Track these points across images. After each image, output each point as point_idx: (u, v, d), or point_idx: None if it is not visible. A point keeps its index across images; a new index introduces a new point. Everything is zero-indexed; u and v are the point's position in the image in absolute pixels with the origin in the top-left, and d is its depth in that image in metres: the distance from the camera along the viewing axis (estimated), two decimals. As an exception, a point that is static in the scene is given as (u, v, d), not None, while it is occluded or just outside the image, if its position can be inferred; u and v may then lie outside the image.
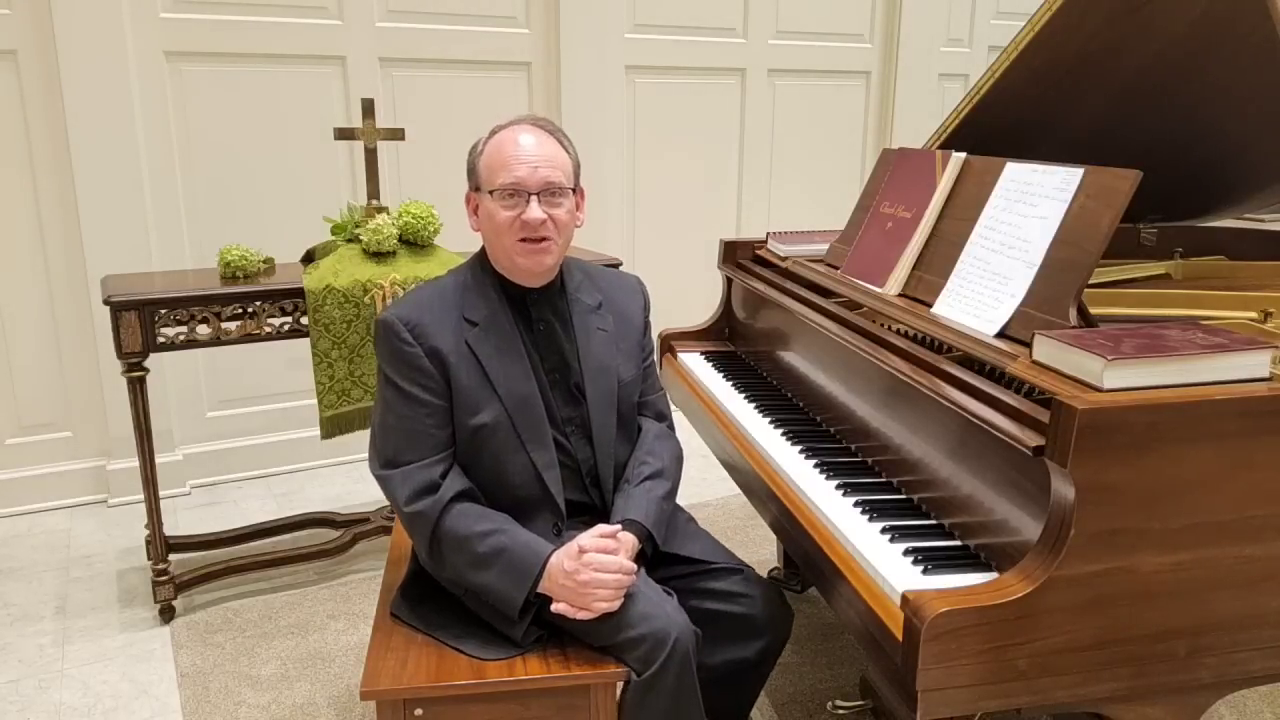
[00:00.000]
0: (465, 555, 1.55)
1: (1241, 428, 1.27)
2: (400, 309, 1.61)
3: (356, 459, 3.64)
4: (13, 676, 2.35)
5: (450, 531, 1.55)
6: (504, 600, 1.55)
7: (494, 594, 1.56)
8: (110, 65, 3.03)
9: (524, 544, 1.55)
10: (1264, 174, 2.16)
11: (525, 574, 1.53)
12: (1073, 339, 1.35)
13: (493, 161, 1.61)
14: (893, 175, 2.07)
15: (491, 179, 1.60)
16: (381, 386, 1.62)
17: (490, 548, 1.54)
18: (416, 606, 1.68)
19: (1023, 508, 1.34)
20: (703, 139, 4.18)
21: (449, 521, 1.55)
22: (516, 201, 1.58)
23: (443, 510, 1.56)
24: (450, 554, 1.56)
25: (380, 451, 1.62)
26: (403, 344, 1.57)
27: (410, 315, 1.58)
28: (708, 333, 2.64)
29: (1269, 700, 2.23)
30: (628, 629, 1.52)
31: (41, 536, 3.08)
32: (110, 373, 3.09)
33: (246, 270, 2.54)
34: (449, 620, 1.64)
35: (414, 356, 1.57)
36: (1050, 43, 1.99)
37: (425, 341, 1.57)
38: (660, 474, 1.73)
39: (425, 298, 1.64)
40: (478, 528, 1.55)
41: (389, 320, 1.58)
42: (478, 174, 1.63)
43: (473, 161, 1.65)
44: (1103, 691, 1.32)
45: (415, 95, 3.54)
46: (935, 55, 4.63)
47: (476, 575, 1.55)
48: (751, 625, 1.69)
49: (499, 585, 1.54)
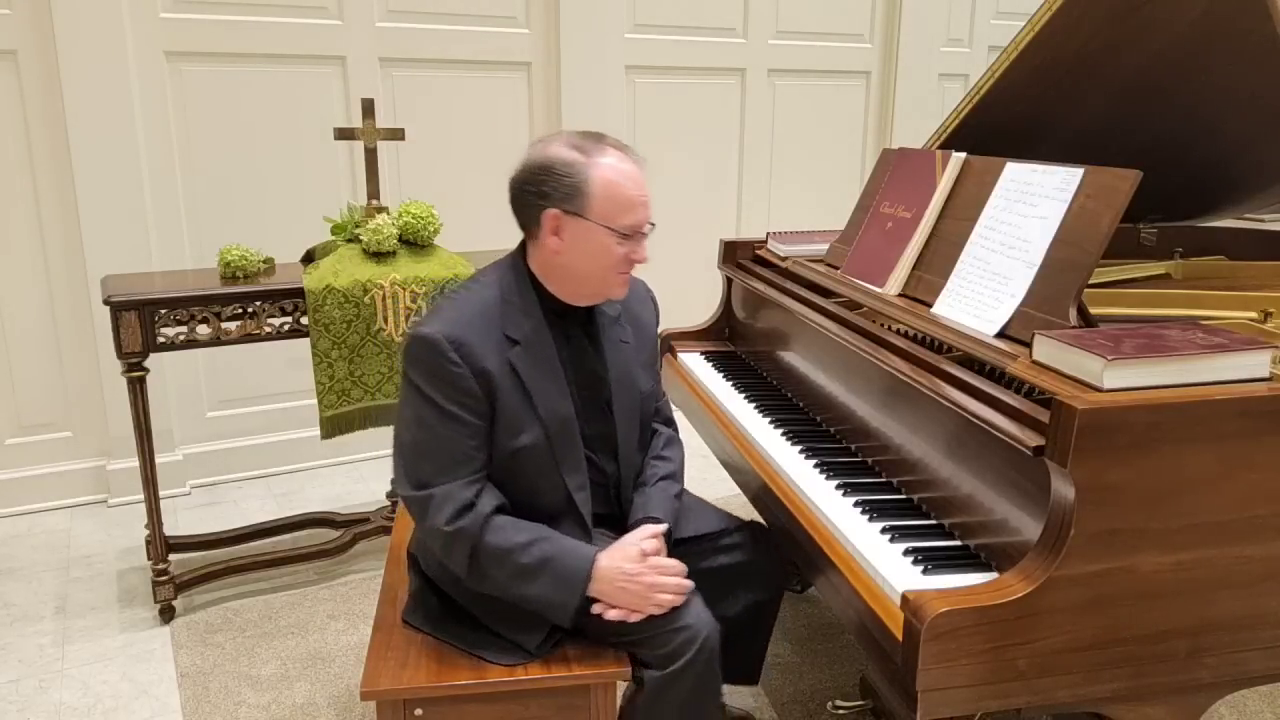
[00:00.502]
0: (508, 568, 1.52)
1: (1241, 428, 1.27)
2: (444, 325, 1.51)
3: (356, 459, 3.64)
4: (13, 676, 2.34)
5: (491, 546, 1.52)
6: (555, 608, 1.54)
7: (543, 603, 1.54)
8: (110, 65, 3.03)
9: (569, 551, 1.55)
10: (1264, 174, 2.16)
11: (575, 580, 1.53)
12: (1073, 339, 1.35)
13: (616, 196, 1.53)
14: (893, 175, 2.07)
15: (613, 216, 1.54)
16: (416, 404, 1.54)
17: (534, 558, 1.52)
18: (430, 613, 1.67)
19: (1023, 508, 1.34)
20: (703, 139, 4.18)
21: (489, 536, 1.52)
22: (632, 239, 1.57)
23: (482, 526, 1.52)
24: (492, 568, 1.53)
25: (412, 472, 1.55)
26: (449, 364, 1.50)
27: (456, 334, 1.51)
28: (708, 333, 2.64)
29: (1269, 700, 2.23)
30: (660, 625, 1.54)
31: (41, 536, 3.08)
32: (110, 373, 3.09)
33: (246, 270, 2.54)
34: (465, 627, 1.63)
35: (460, 378, 1.50)
36: (1050, 42, 1.99)
37: (473, 362, 1.51)
38: (673, 476, 1.78)
39: (467, 314, 1.55)
40: (518, 539, 1.53)
41: (433, 338, 1.50)
42: (587, 199, 1.53)
43: (574, 186, 1.53)
44: (1103, 691, 1.32)
45: (415, 95, 3.54)
46: (935, 55, 4.63)
47: (523, 587, 1.53)
48: (761, 569, 1.82)
49: (548, 594, 1.52)
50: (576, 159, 1.54)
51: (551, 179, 1.54)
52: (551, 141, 1.58)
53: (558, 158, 1.54)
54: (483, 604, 1.61)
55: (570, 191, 1.53)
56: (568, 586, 1.52)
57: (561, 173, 1.53)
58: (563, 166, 1.53)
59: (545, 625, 1.58)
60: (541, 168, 1.55)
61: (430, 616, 1.66)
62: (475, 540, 1.51)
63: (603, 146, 1.56)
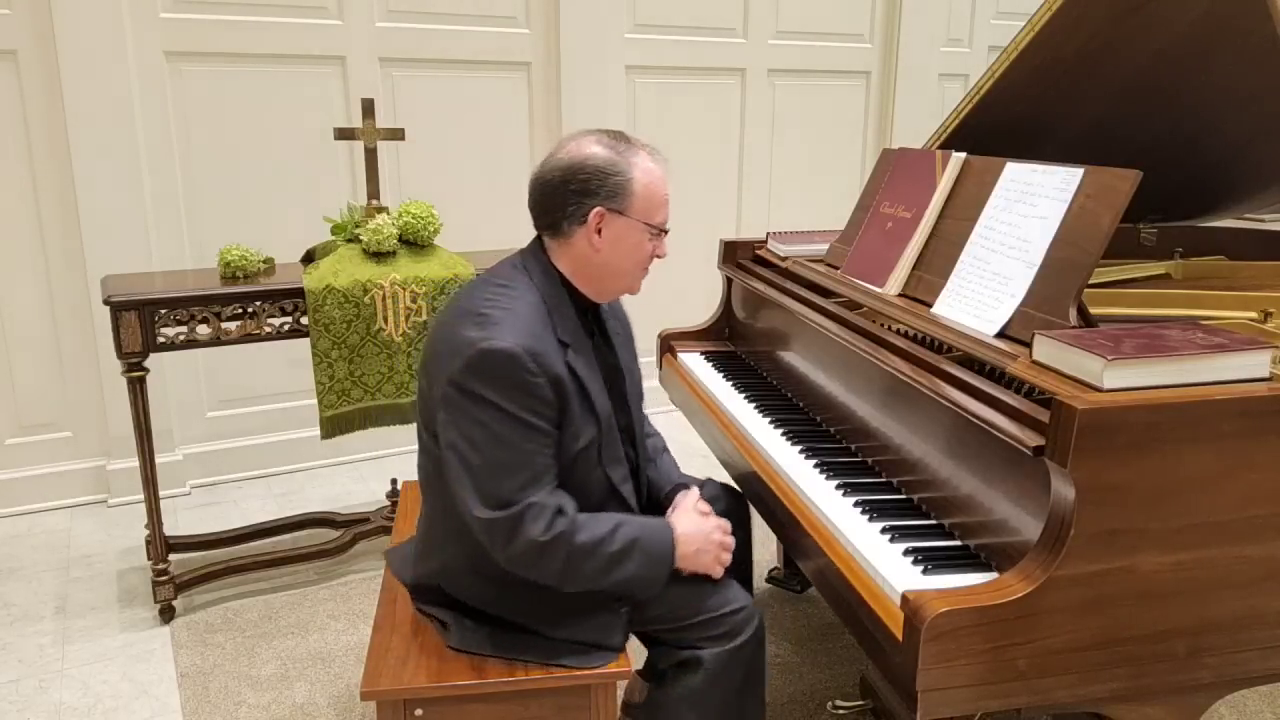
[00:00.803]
0: (599, 560, 1.53)
1: (1241, 428, 1.27)
2: (516, 336, 1.49)
3: (356, 459, 3.64)
4: (13, 676, 2.35)
5: (581, 544, 1.52)
6: (647, 584, 1.58)
7: (636, 583, 1.58)
8: (110, 65, 3.03)
9: (649, 527, 1.61)
10: (1264, 174, 2.16)
11: (663, 553, 1.59)
12: (1073, 339, 1.35)
13: (654, 194, 1.60)
14: (893, 175, 2.07)
15: (652, 213, 1.61)
16: (490, 420, 1.48)
17: (621, 544, 1.55)
18: (488, 636, 1.63)
19: (1023, 508, 1.34)
20: (703, 139, 4.18)
21: (580, 536, 1.52)
22: (656, 235, 1.64)
23: (573, 528, 1.52)
24: (586, 565, 1.53)
25: (491, 493, 1.49)
26: (530, 376, 1.48)
27: (530, 345, 1.49)
28: (708, 333, 2.64)
29: (1269, 700, 2.23)
30: (721, 605, 1.63)
31: (41, 536, 3.08)
32: (110, 373, 3.09)
33: (246, 270, 2.54)
34: (535, 641, 1.62)
35: (538, 388, 1.49)
36: (1050, 43, 1.99)
37: (548, 370, 1.50)
38: (665, 448, 1.93)
39: (526, 322, 1.53)
40: (602, 530, 1.54)
41: (513, 351, 1.47)
42: (629, 198, 1.57)
43: (618, 185, 1.56)
44: (1103, 691, 1.32)
45: (415, 95, 3.54)
46: (935, 55, 4.63)
47: (616, 573, 1.55)
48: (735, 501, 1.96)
49: (641, 573, 1.57)
50: (618, 159, 1.57)
51: (596, 177, 1.56)
52: (585, 141, 1.59)
53: (600, 157, 1.57)
54: (549, 614, 1.61)
55: (615, 190, 1.57)
56: (658, 560, 1.58)
57: (609, 171, 1.56)
58: (608, 165, 1.56)
59: (620, 620, 1.62)
60: (584, 167, 1.56)
61: (492, 640, 1.62)
62: (570, 544, 1.50)
63: (635, 146, 1.61)
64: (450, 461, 1.52)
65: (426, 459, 1.66)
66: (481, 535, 1.51)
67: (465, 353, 1.48)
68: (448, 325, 1.57)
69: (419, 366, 1.69)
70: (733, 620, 1.62)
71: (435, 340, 1.60)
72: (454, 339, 1.52)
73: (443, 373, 1.52)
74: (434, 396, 1.55)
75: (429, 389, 1.58)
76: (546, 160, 1.61)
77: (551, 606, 1.60)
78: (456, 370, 1.49)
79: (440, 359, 1.54)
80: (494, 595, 1.63)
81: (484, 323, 1.51)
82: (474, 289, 1.63)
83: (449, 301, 1.69)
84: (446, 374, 1.50)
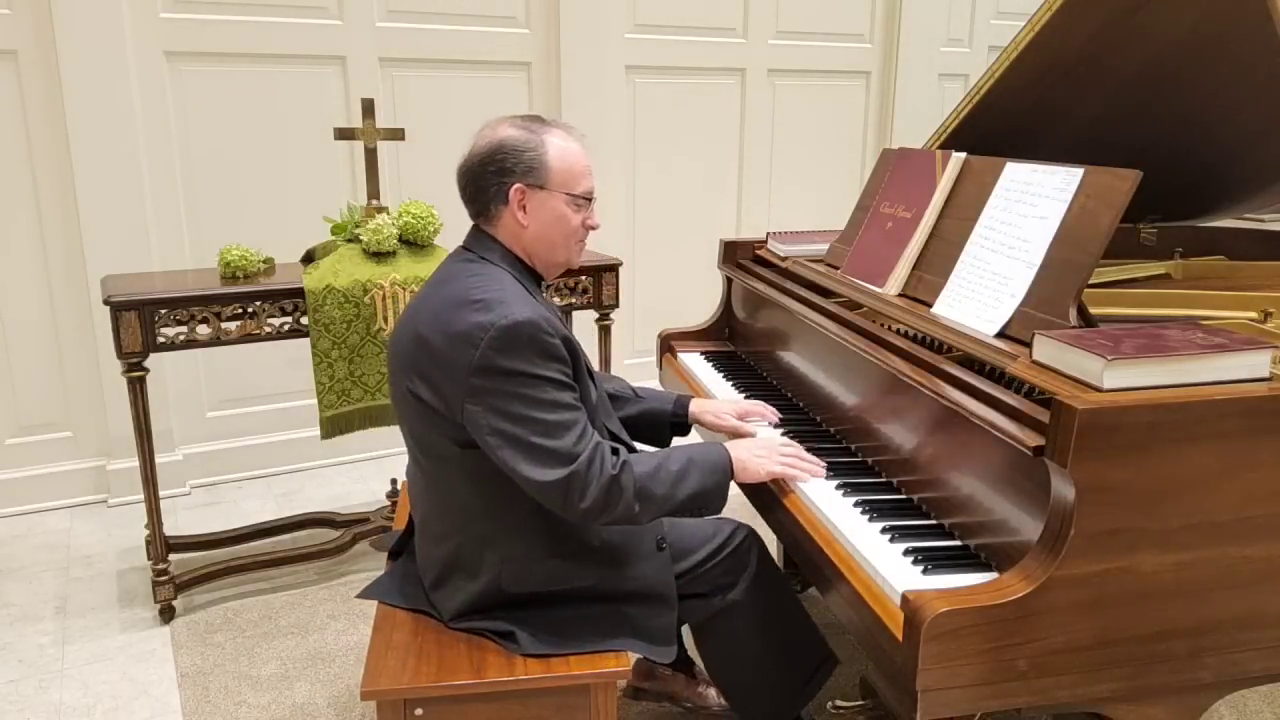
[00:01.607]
0: (665, 480, 1.60)
1: (1241, 428, 1.27)
2: (522, 310, 1.53)
3: (356, 459, 3.64)
4: (13, 676, 2.35)
5: (644, 471, 1.59)
6: (714, 494, 1.65)
7: (705, 495, 1.64)
8: (110, 65, 3.03)
9: (697, 447, 1.70)
10: (1264, 174, 2.16)
11: (719, 463, 1.67)
12: (1073, 339, 1.35)
13: (572, 166, 1.67)
14: (893, 175, 2.07)
15: (572, 184, 1.67)
16: (524, 391, 1.51)
17: (679, 462, 1.62)
18: (558, 632, 1.64)
19: (1023, 508, 1.34)
20: (703, 139, 4.18)
21: (639, 466, 1.59)
22: (583, 207, 1.70)
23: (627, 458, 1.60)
24: (655, 487, 1.59)
25: (553, 452, 1.52)
26: (549, 338, 1.54)
27: (540, 312, 1.56)
28: (708, 333, 2.64)
29: (1269, 700, 2.23)
30: (719, 536, 1.78)
31: (41, 536, 3.08)
32: (110, 373, 3.09)
33: (246, 270, 2.54)
34: (596, 623, 1.66)
35: (556, 348, 1.56)
36: (1050, 43, 1.99)
37: (559, 332, 1.58)
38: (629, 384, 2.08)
39: (520, 295, 1.59)
40: (655, 457, 1.62)
41: (534, 320, 1.52)
42: (546, 172, 1.65)
43: (534, 160, 1.64)
44: (1103, 691, 1.32)
45: (415, 95, 3.54)
46: (935, 55, 4.63)
47: (683, 488, 1.61)
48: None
49: (706, 484, 1.64)
50: (530, 137, 1.66)
51: (511, 156, 1.64)
52: (500, 126, 1.68)
53: (513, 137, 1.65)
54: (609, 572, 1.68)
55: (530, 165, 1.65)
56: (718, 469, 1.66)
57: (522, 149, 1.65)
58: (521, 143, 1.65)
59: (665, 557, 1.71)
60: (499, 148, 1.65)
61: (563, 634, 1.63)
62: (634, 472, 1.57)
63: (547, 125, 1.69)
64: (496, 445, 1.53)
65: (441, 467, 1.64)
66: (554, 497, 1.53)
67: (482, 336, 1.51)
68: (438, 323, 1.55)
69: (396, 377, 1.64)
70: (739, 554, 1.77)
71: (427, 343, 1.56)
72: (459, 331, 1.52)
73: (457, 369, 1.52)
74: (450, 398, 1.54)
75: (438, 392, 1.55)
76: (468, 150, 1.69)
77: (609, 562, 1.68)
78: (478, 356, 1.50)
79: (445, 358, 1.53)
80: (565, 570, 1.67)
81: (487, 305, 1.54)
82: (445, 286, 1.63)
83: (415, 308, 1.65)
84: (465, 366, 1.51)
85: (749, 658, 1.83)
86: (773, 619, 1.82)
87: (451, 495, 1.64)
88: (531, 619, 1.64)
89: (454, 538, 1.66)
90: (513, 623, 1.63)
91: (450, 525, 1.66)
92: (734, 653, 1.84)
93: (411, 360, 1.59)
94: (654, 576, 1.70)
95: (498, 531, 1.63)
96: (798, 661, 1.85)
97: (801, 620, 1.86)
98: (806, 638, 1.87)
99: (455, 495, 1.64)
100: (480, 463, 1.57)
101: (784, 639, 1.84)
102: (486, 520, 1.63)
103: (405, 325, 1.64)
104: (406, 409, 1.63)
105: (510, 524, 1.63)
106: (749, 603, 1.78)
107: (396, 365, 1.64)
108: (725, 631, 1.81)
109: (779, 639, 1.83)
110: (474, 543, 1.64)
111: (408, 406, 1.62)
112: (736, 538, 1.80)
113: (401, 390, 1.62)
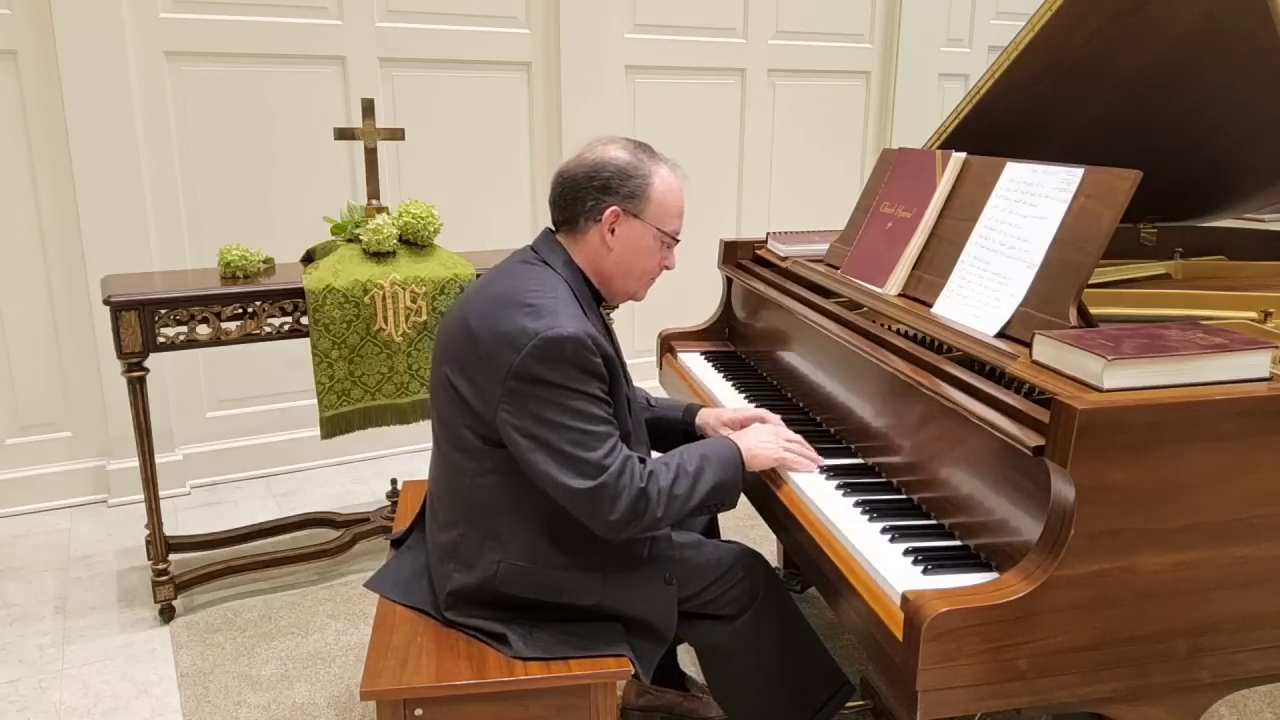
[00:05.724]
0: (685, 481, 1.61)
1: (1241, 428, 1.27)
2: (572, 323, 1.54)
3: (356, 459, 3.64)
4: (13, 676, 2.35)
5: (664, 475, 1.60)
6: (729, 489, 1.67)
7: (722, 489, 1.66)
8: (110, 65, 3.03)
9: (706, 444, 1.72)
10: (1264, 174, 2.16)
11: (731, 456, 1.68)
12: (1073, 339, 1.35)
13: (670, 203, 1.69)
14: (893, 175, 2.07)
15: (666, 220, 1.69)
16: (561, 400, 1.52)
17: (694, 462, 1.64)
18: (553, 636, 1.64)
19: (1023, 508, 1.34)
20: (703, 139, 4.18)
21: (660, 473, 1.60)
22: (668, 245, 1.73)
23: (653, 468, 1.61)
24: (676, 489, 1.60)
25: (585, 462, 1.52)
26: (591, 355, 1.55)
27: (587, 328, 1.55)
28: (707, 333, 2.64)
29: (1269, 700, 2.23)
30: (724, 580, 1.73)
31: (41, 536, 3.08)
32: (110, 373, 3.09)
33: (246, 270, 2.54)
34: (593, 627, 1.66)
35: (597, 365, 1.56)
36: (1050, 43, 1.99)
37: (603, 351, 1.57)
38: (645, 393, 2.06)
39: (574, 309, 1.59)
40: (670, 460, 1.64)
41: (579, 336, 1.52)
42: (646, 203, 1.66)
43: (637, 187, 1.65)
44: (1103, 692, 1.32)
45: (415, 95, 3.54)
46: (935, 55, 4.63)
47: (700, 485, 1.63)
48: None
49: (722, 478, 1.65)
50: (641, 164, 1.67)
51: (618, 177, 1.65)
52: (610, 145, 1.68)
53: (623, 159, 1.66)
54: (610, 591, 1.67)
55: (634, 192, 1.65)
56: (729, 463, 1.67)
57: (630, 173, 1.65)
58: (630, 168, 1.66)
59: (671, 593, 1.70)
60: (607, 167, 1.65)
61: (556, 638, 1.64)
62: (658, 481, 1.59)
63: (658, 157, 1.71)
64: (528, 448, 1.54)
65: (463, 457, 1.64)
66: (583, 505, 1.54)
67: (526, 342, 1.51)
68: (487, 318, 1.57)
69: (438, 361, 1.68)
70: (743, 585, 1.74)
71: (474, 336, 1.58)
72: (505, 332, 1.54)
73: (497, 369, 1.53)
74: (486, 397, 1.55)
75: (475, 387, 1.57)
76: (573, 158, 1.68)
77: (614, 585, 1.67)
78: (518, 361, 1.51)
79: (486, 356, 1.55)
80: (566, 585, 1.66)
81: (538, 312, 1.55)
82: (503, 281, 1.65)
83: (470, 296, 1.67)
84: (505, 368, 1.52)
85: (755, 687, 1.78)
86: (781, 648, 1.78)
87: (465, 486, 1.65)
88: (524, 623, 1.64)
89: (459, 527, 1.67)
90: (505, 624, 1.63)
91: (457, 515, 1.67)
92: (740, 680, 1.80)
93: (456, 350, 1.62)
94: (656, 609, 1.69)
95: (503, 532, 1.63)
96: (807, 691, 1.80)
97: (813, 649, 1.82)
98: (818, 667, 1.81)
99: (469, 487, 1.64)
100: (500, 462, 1.59)
101: (793, 669, 1.79)
102: (494, 519, 1.63)
103: (457, 310, 1.66)
104: (440, 394, 1.66)
105: (517, 528, 1.63)
106: (756, 630, 1.75)
107: (441, 349, 1.67)
108: (731, 659, 1.78)
109: (787, 669, 1.78)
110: (477, 536, 1.65)
111: (443, 393, 1.65)
112: (745, 565, 1.77)
113: (441, 377, 1.65)
